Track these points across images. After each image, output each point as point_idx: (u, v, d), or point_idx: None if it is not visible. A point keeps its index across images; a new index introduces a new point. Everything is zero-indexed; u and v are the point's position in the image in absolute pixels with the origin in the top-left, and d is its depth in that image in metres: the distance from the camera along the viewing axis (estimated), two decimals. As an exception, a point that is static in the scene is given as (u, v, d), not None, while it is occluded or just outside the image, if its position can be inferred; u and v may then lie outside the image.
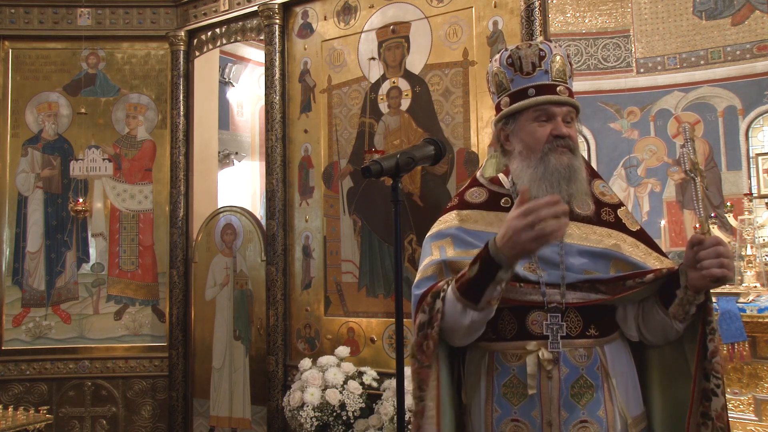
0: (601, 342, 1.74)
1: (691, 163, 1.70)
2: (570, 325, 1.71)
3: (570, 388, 1.69)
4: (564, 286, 1.70)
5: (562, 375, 1.69)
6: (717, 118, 7.78)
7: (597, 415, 1.70)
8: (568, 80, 1.79)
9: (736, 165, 7.64)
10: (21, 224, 4.52)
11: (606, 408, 1.71)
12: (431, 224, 1.94)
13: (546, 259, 1.73)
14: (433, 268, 1.79)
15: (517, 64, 1.77)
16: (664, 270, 1.69)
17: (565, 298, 1.70)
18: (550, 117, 1.73)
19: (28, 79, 4.61)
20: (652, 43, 8.10)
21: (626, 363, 1.79)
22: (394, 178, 1.87)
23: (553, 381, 1.69)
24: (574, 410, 1.69)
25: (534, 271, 1.72)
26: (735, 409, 4.49)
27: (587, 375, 1.71)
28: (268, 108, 4.11)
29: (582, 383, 1.70)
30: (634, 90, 8.15)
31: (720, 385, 1.68)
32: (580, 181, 1.72)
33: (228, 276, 4.29)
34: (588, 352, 1.72)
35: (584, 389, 1.70)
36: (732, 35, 7.68)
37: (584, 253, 1.74)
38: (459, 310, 1.65)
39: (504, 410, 1.73)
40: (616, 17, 8.24)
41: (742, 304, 4.43)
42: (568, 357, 1.70)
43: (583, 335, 1.72)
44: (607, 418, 1.70)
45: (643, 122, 8.12)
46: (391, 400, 3.35)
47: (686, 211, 7.76)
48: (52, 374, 4.41)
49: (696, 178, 1.69)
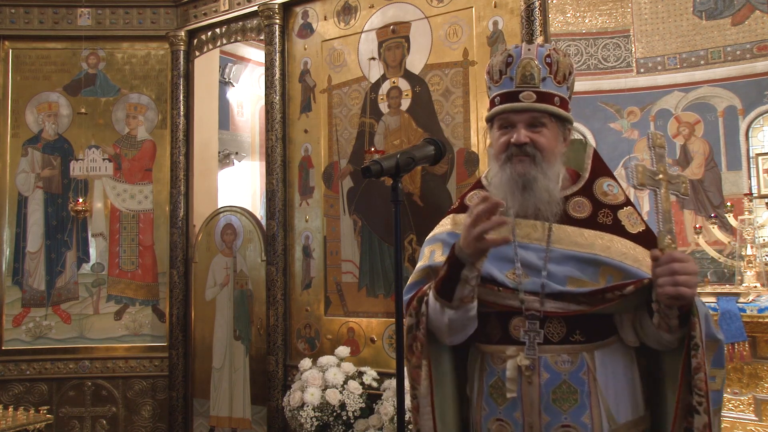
0: (589, 347, 1.71)
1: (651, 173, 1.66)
2: (552, 332, 1.71)
3: (551, 393, 1.70)
4: (543, 294, 1.70)
5: (542, 380, 1.70)
6: (717, 118, 7.78)
7: (581, 421, 1.69)
8: (542, 82, 1.75)
9: (736, 165, 7.64)
10: (21, 224, 4.52)
11: (592, 414, 1.69)
12: (431, 224, 1.96)
13: (530, 265, 1.73)
14: (421, 273, 1.87)
15: (491, 72, 1.82)
16: (646, 280, 1.64)
17: (544, 307, 1.70)
18: (510, 125, 1.75)
19: (28, 79, 4.61)
20: (652, 43, 8.10)
21: (623, 367, 1.75)
22: (394, 178, 1.87)
23: (533, 386, 1.70)
24: (557, 415, 1.69)
25: (517, 278, 1.72)
26: (735, 409, 4.49)
27: (571, 381, 1.70)
28: (268, 108, 4.11)
29: (565, 389, 1.70)
30: (634, 90, 8.14)
31: (702, 403, 1.61)
32: (538, 191, 1.72)
33: (228, 276, 4.29)
34: (573, 357, 1.70)
35: (567, 394, 1.70)
36: (732, 35, 7.68)
37: (571, 258, 1.72)
38: (438, 309, 1.72)
39: (491, 409, 1.78)
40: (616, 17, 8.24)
41: (742, 304, 4.43)
42: (549, 363, 1.70)
43: (566, 341, 1.71)
44: (593, 424, 1.69)
45: (643, 122, 8.12)
46: (391, 400, 3.35)
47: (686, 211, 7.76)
48: (53, 374, 4.41)
49: (659, 189, 1.66)
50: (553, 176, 1.75)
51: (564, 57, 1.80)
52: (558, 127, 1.78)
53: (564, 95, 1.79)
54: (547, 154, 1.74)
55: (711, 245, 6.18)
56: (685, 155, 7.93)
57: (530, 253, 1.74)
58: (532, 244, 1.76)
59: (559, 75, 1.77)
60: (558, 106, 1.77)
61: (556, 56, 1.78)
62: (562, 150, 1.79)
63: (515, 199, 1.72)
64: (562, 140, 1.80)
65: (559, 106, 1.77)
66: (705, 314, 1.67)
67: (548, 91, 1.76)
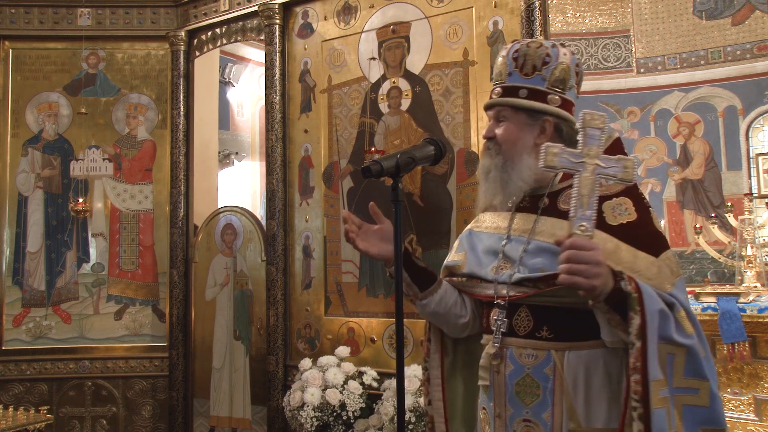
0: (559, 346, 1.69)
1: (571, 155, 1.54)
2: (519, 325, 1.75)
3: (515, 385, 1.74)
4: (509, 284, 1.75)
5: (507, 371, 1.75)
6: (717, 118, 7.78)
7: (542, 417, 1.70)
8: (508, 77, 1.82)
9: (736, 165, 7.64)
10: (21, 224, 4.52)
11: (553, 412, 1.68)
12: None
13: (509, 258, 1.79)
14: (442, 271, 2.03)
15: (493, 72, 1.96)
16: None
17: (510, 294, 1.75)
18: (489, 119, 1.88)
19: (29, 79, 4.61)
20: (652, 43, 8.10)
21: (604, 375, 1.67)
22: (394, 178, 1.88)
23: (500, 376, 1.77)
24: (519, 408, 1.73)
25: (498, 270, 1.80)
26: (735, 409, 4.50)
27: (534, 375, 1.71)
28: (268, 108, 4.11)
29: (528, 382, 1.72)
30: (634, 90, 8.15)
31: (638, 409, 1.50)
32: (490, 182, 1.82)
33: (228, 276, 4.29)
34: (538, 352, 1.71)
35: (530, 388, 1.72)
36: (732, 35, 7.68)
37: (545, 250, 1.72)
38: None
39: (479, 396, 1.90)
40: (616, 17, 8.24)
41: (742, 304, 4.43)
42: (514, 355, 1.75)
43: (532, 336, 1.73)
44: (552, 423, 1.68)
45: (644, 122, 8.13)
46: (391, 400, 3.35)
47: (686, 211, 7.76)
48: (53, 374, 4.41)
49: (580, 173, 1.53)
50: (519, 167, 1.78)
51: (537, 48, 1.79)
52: (527, 119, 1.79)
53: (536, 86, 1.78)
54: (506, 146, 1.80)
55: (711, 245, 6.18)
56: (685, 155, 7.93)
57: (514, 245, 1.80)
58: (519, 237, 1.80)
59: (526, 67, 1.78)
60: (525, 98, 1.78)
61: (525, 50, 1.80)
62: (532, 141, 1.79)
63: (487, 189, 1.84)
64: (538, 131, 1.79)
65: (526, 97, 1.78)
66: (658, 310, 1.53)
67: (512, 85, 1.81)
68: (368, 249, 1.89)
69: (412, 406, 3.15)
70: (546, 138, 1.78)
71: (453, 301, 1.95)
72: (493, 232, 1.89)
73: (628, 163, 1.56)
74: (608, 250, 1.62)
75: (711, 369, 1.60)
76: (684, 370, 1.58)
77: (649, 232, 1.72)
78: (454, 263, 1.96)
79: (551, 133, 1.80)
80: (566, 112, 1.81)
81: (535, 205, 1.82)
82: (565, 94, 1.80)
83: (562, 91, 1.80)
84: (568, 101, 1.82)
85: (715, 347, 4.64)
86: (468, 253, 1.93)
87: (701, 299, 4.67)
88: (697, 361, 1.58)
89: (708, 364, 1.60)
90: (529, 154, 1.78)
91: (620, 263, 1.61)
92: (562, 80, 1.79)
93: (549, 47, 1.80)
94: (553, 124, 1.79)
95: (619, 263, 1.61)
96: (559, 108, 1.79)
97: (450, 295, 1.94)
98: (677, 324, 1.58)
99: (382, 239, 1.91)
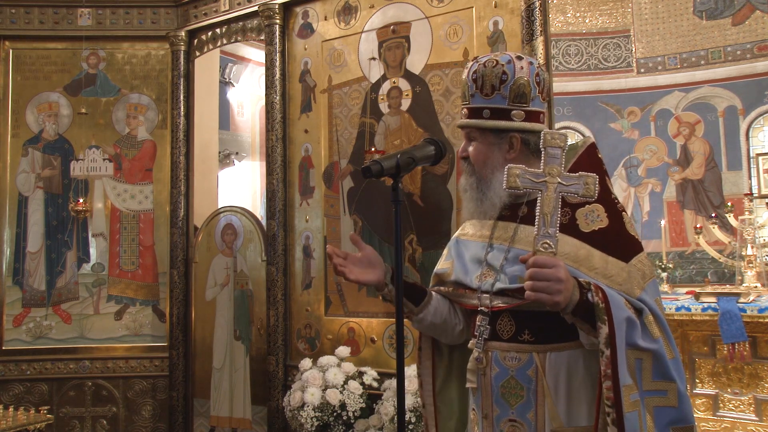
0: (540, 349, 1.77)
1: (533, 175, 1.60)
2: (503, 329, 1.83)
3: (500, 387, 1.82)
4: (491, 293, 1.82)
5: (492, 374, 1.83)
6: (717, 118, 7.79)
7: (526, 417, 1.78)
8: (471, 99, 1.86)
9: (736, 165, 7.65)
10: (21, 224, 4.52)
11: (537, 412, 1.76)
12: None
13: (492, 266, 1.85)
14: (432, 279, 2.10)
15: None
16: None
17: (493, 303, 1.82)
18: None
19: (29, 79, 4.61)
20: (652, 43, 8.10)
21: (584, 375, 1.74)
22: (394, 178, 1.88)
23: (486, 378, 1.85)
24: (505, 408, 1.81)
25: (481, 279, 1.86)
26: (735, 409, 4.50)
27: (517, 377, 1.79)
28: (269, 108, 4.11)
29: (513, 384, 1.80)
30: (634, 90, 8.16)
31: (611, 414, 1.55)
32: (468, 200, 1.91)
33: (228, 276, 4.29)
34: (521, 355, 1.79)
35: (515, 390, 1.80)
36: (732, 35, 7.69)
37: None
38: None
39: (470, 398, 1.98)
40: (616, 17, 8.25)
41: (743, 304, 4.43)
42: (498, 358, 1.82)
43: (515, 339, 1.80)
44: (536, 422, 1.76)
45: (644, 122, 8.13)
46: (391, 400, 3.35)
47: (686, 211, 7.76)
48: (53, 374, 4.41)
49: (543, 191, 1.59)
50: (494, 185, 1.84)
51: (493, 68, 1.80)
52: (493, 138, 1.84)
53: (497, 105, 1.81)
54: (478, 166, 1.87)
55: (711, 245, 6.19)
56: (685, 155, 7.94)
57: (496, 254, 1.86)
58: (500, 245, 1.86)
59: (485, 87, 1.81)
60: (488, 118, 1.82)
61: (482, 70, 1.82)
62: (502, 158, 1.83)
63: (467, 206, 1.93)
64: (506, 148, 1.84)
65: (490, 117, 1.82)
66: (625, 318, 1.60)
67: (475, 106, 1.85)
68: (359, 278, 1.94)
69: (412, 406, 3.15)
70: (515, 153, 1.83)
71: (447, 309, 2.02)
72: (477, 240, 1.95)
73: (590, 179, 1.62)
74: (581, 256, 1.72)
75: (678, 370, 1.68)
76: (652, 374, 1.66)
77: (621, 237, 1.78)
78: (442, 271, 2.04)
79: (519, 147, 1.84)
80: (533, 123, 1.84)
81: (515, 213, 1.87)
82: (528, 107, 1.82)
83: (525, 104, 1.82)
84: (534, 112, 1.84)
85: (715, 347, 4.64)
86: (455, 261, 2.00)
87: (701, 299, 4.67)
88: (664, 364, 1.66)
89: (675, 365, 1.67)
90: (501, 171, 1.79)
91: (593, 269, 1.70)
92: (522, 95, 1.81)
93: (505, 64, 1.81)
94: (519, 138, 1.84)
95: (591, 269, 1.70)
96: (525, 121, 1.82)
97: (442, 304, 2.02)
98: (644, 329, 1.66)
99: (369, 265, 1.96)
